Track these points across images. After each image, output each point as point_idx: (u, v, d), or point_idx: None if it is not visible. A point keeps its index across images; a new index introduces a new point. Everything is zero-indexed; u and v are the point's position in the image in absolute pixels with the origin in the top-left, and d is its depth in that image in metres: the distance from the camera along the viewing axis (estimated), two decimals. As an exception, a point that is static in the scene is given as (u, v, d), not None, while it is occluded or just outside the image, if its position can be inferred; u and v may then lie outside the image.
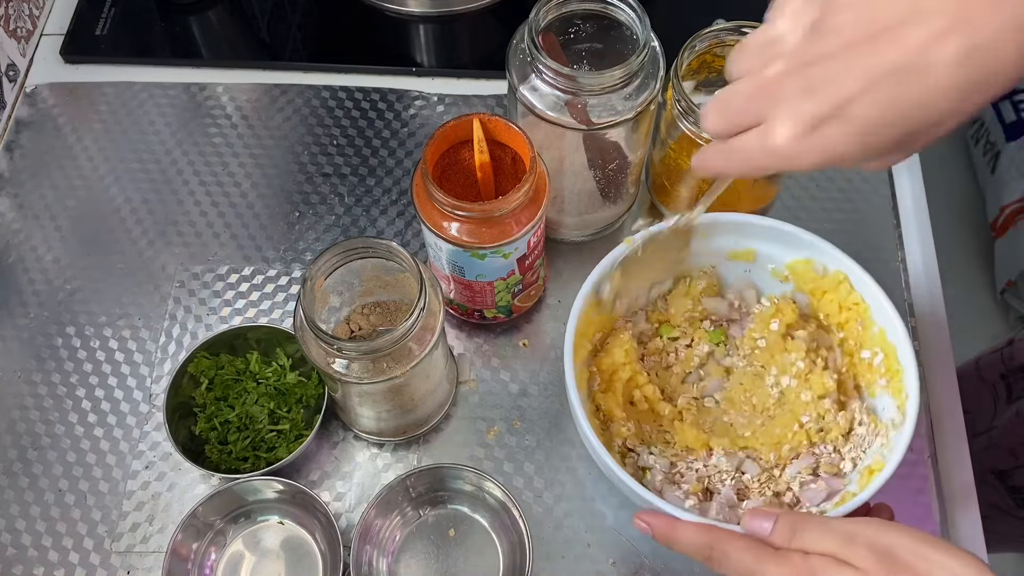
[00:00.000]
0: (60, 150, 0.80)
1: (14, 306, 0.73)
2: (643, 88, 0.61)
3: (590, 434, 0.56)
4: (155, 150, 0.80)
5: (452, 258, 0.62)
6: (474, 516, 0.64)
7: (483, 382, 0.70)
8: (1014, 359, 0.88)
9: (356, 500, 0.65)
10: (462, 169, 0.62)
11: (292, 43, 0.86)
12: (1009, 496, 0.90)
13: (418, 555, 0.63)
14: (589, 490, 0.65)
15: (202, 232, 0.76)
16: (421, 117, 0.81)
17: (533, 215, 0.60)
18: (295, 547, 0.63)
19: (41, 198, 0.77)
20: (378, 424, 0.65)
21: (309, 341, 0.57)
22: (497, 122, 0.60)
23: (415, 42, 0.87)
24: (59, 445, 0.67)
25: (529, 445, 0.67)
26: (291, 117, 0.82)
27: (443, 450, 0.67)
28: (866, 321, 0.61)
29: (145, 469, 0.66)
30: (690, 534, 0.51)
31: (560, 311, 0.72)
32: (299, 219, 0.77)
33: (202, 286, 0.73)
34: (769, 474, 0.60)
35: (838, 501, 0.57)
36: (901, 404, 0.57)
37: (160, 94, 0.83)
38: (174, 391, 0.64)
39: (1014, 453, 0.87)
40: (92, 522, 0.65)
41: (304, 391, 0.66)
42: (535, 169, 0.58)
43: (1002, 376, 0.89)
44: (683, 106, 0.63)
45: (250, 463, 0.64)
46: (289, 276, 0.74)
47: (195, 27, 0.87)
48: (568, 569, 0.63)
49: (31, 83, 0.83)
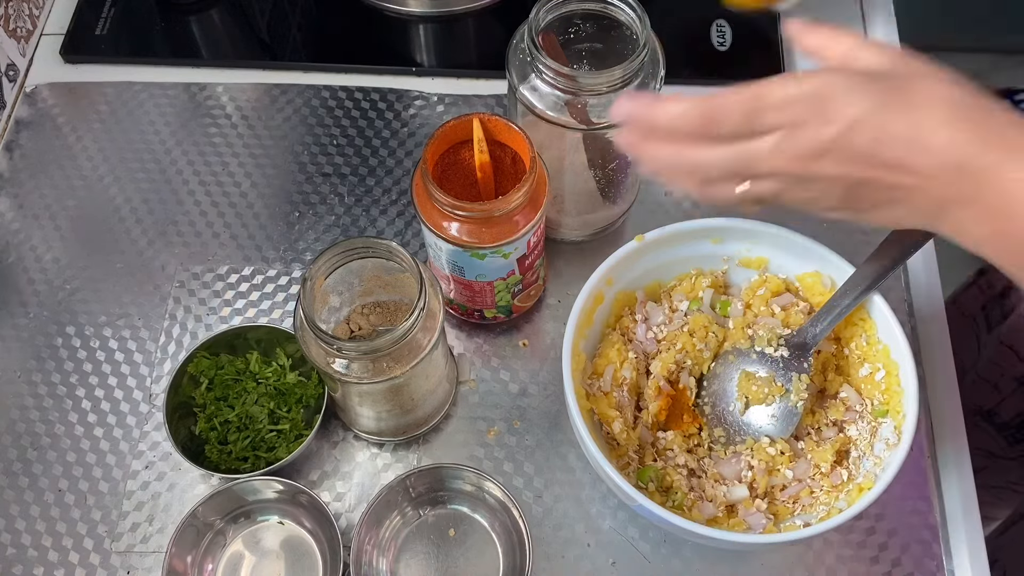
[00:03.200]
0: (60, 150, 0.80)
1: (14, 306, 0.73)
2: (643, 88, 0.61)
3: (586, 435, 0.56)
4: (155, 150, 0.80)
5: (452, 258, 0.62)
6: (474, 516, 0.64)
7: (483, 382, 0.70)
8: (992, 287, 0.88)
9: (356, 500, 0.65)
10: (462, 169, 0.62)
11: (292, 43, 0.86)
12: (1000, 435, 0.89)
13: (418, 555, 0.63)
14: (589, 490, 0.65)
15: (202, 232, 0.76)
16: (421, 117, 0.81)
17: (533, 215, 0.60)
18: (295, 547, 0.63)
19: (41, 198, 0.77)
20: (378, 424, 0.65)
21: (309, 341, 0.57)
22: (497, 122, 0.60)
23: (415, 42, 0.87)
24: (59, 445, 0.67)
25: (529, 445, 0.67)
26: (291, 117, 0.82)
27: (443, 450, 0.67)
28: (871, 337, 0.61)
29: (145, 469, 0.66)
30: (674, 106, 0.47)
31: (560, 311, 0.72)
32: (299, 219, 0.77)
33: (202, 286, 0.73)
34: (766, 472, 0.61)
35: (823, 516, 0.57)
36: (898, 424, 0.58)
37: (160, 94, 0.83)
38: (174, 391, 0.64)
39: (997, 387, 0.86)
40: (92, 522, 0.65)
41: (304, 391, 0.66)
42: (535, 169, 0.58)
43: (983, 307, 0.89)
44: None
45: (250, 463, 0.64)
46: (289, 276, 0.74)
47: (195, 27, 0.87)
48: (568, 569, 0.63)
49: (31, 83, 0.83)
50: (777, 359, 0.62)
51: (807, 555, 0.63)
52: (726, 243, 0.65)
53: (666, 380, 0.63)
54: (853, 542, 0.64)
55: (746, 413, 0.62)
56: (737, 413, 0.62)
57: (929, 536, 0.64)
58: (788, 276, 0.66)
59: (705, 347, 0.64)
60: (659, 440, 0.63)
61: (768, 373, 0.62)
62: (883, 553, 0.63)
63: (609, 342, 0.65)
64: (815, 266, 0.64)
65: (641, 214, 0.76)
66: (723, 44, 0.84)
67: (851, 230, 0.75)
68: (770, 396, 0.61)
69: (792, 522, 0.59)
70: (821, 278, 0.64)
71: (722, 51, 0.84)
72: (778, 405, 0.61)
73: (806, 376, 0.61)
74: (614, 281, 0.64)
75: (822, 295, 0.64)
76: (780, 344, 0.62)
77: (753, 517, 0.59)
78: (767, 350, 0.62)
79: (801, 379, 0.61)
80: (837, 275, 0.63)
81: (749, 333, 0.64)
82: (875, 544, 0.64)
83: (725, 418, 0.63)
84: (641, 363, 0.64)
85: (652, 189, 0.78)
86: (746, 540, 0.55)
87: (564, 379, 0.59)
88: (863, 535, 0.64)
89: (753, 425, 0.62)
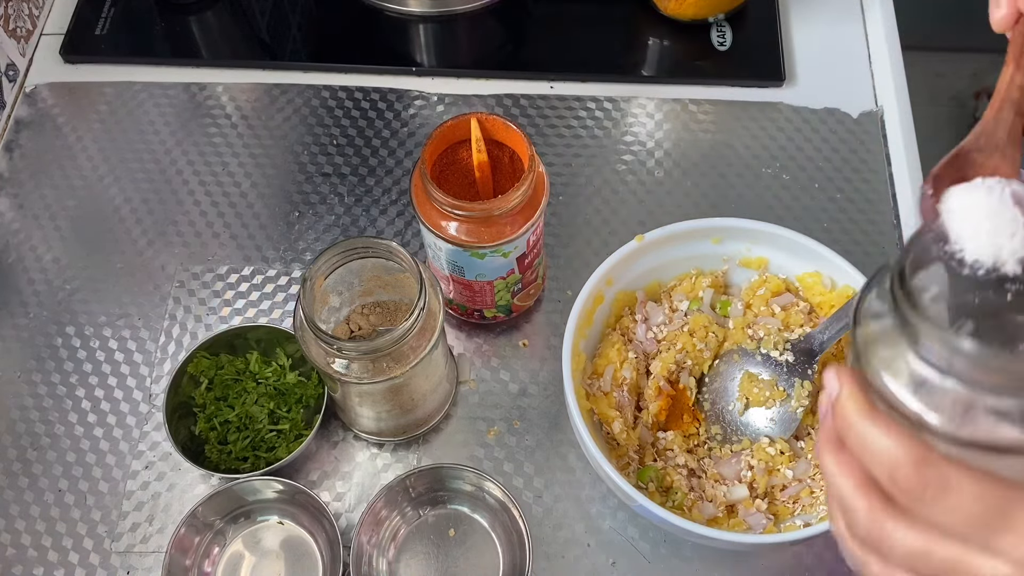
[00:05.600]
0: (60, 150, 0.80)
1: (14, 306, 0.73)
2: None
3: (586, 435, 0.56)
4: (155, 150, 0.80)
5: (451, 258, 0.62)
6: (474, 516, 0.64)
7: (483, 382, 0.70)
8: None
9: (356, 500, 0.65)
10: (460, 169, 0.62)
11: (292, 43, 0.86)
12: None
13: (418, 555, 0.63)
14: (589, 490, 0.65)
15: (202, 232, 0.76)
16: (421, 117, 0.81)
17: (532, 214, 0.60)
18: (295, 547, 0.63)
19: (41, 198, 0.77)
20: (378, 424, 0.65)
21: (309, 341, 0.57)
22: (495, 121, 0.60)
23: (415, 42, 0.87)
24: (59, 445, 0.67)
25: (529, 445, 0.67)
26: (291, 117, 0.82)
27: (443, 450, 0.67)
28: None
29: (145, 469, 0.66)
30: (878, 434, 0.32)
31: (560, 311, 0.72)
32: (299, 219, 0.76)
33: (202, 286, 0.73)
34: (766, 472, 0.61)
35: (823, 516, 0.58)
36: None
37: (160, 94, 0.83)
38: (174, 391, 0.64)
39: None
40: (92, 522, 0.65)
41: (304, 391, 0.66)
42: (534, 168, 0.58)
43: None
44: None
45: (250, 463, 0.64)
46: (289, 276, 0.74)
47: (195, 27, 0.87)
48: (568, 569, 0.63)
49: (31, 83, 0.83)
50: (782, 363, 0.62)
51: (807, 555, 0.63)
52: (726, 243, 0.65)
53: (666, 380, 0.63)
54: (853, 542, 0.64)
55: (745, 414, 0.62)
56: (736, 413, 0.62)
57: (929, 536, 0.64)
58: (788, 276, 0.66)
59: (705, 347, 0.64)
60: (659, 440, 0.63)
61: (771, 376, 0.62)
62: (883, 553, 0.63)
63: (609, 342, 0.65)
64: (815, 266, 0.64)
65: (641, 215, 0.76)
66: (723, 44, 0.84)
67: (851, 230, 0.75)
68: (771, 399, 0.61)
69: (792, 522, 0.59)
70: (821, 278, 0.64)
71: (722, 51, 0.84)
72: (778, 409, 0.61)
73: (809, 383, 0.61)
74: (614, 281, 0.64)
75: (822, 295, 0.64)
76: (786, 348, 0.62)
77: (753, 517, 0.59)
78: (772, 353, 0.62)
79: (804, 385, 0.61)
80: (837, 275, 0.63)
81: (749, 333, 0.64)
82: (875, 544, 0.63)
83: (724, 417, 0.63)
84: (641, 363, 0.64)
85: (653, 190, 0.78)
86: (746, 540, 0.55)
87: (564, 379, 0.59)
88: (863, 535, 0.64)
89: (751, 426, 0.62)
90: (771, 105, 0.81)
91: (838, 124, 0.80)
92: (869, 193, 0.77)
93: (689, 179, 0.78)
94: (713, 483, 0.61)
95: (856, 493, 0.33)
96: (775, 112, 0.81)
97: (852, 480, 0.34)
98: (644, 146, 0.80)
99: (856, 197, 0.77)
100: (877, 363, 0.34)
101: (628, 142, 0.80)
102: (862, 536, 0.34)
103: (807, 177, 0.78)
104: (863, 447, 0.33)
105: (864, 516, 0.33)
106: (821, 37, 0.86)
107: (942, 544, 0.32)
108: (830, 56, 0.84)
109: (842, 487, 0.34)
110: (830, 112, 0.81)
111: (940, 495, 0.31)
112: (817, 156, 0.79)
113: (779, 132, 0.80)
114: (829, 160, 0.79)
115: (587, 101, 0.82)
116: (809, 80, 0.83)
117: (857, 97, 0.82)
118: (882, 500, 0.33)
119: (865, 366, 0.34)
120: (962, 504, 0.31)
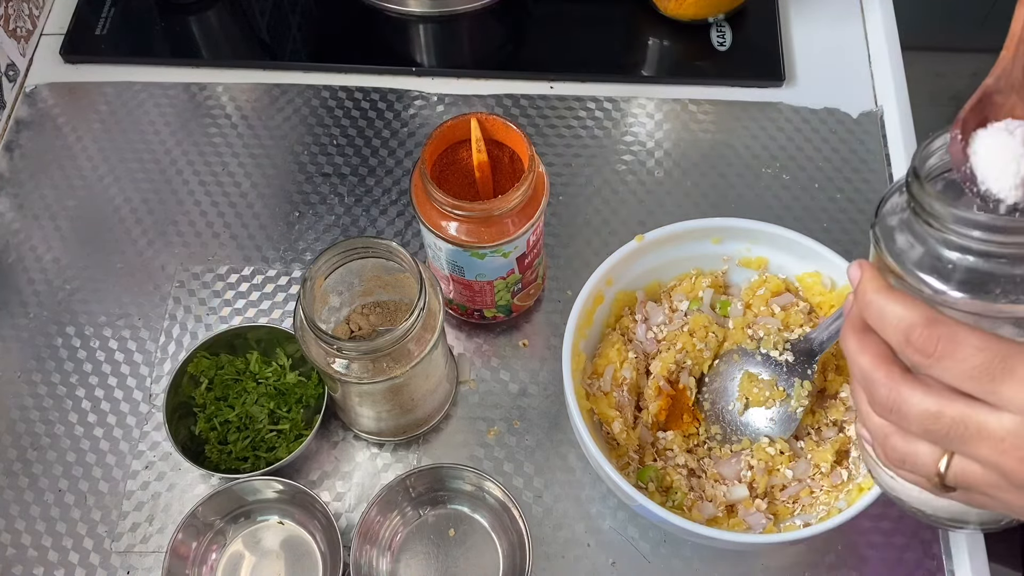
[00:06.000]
0: (60, 150, 0.80)
1: (14, 306, 0.73)
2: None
3: (586, 435, 0.56)
4: (155, 150, 0.80)
5: (451, 258, 0.62)
6: (474, 516, 0.64)
7: (483, 382, 0.70)
8: None
9: (356, 500, 0.65)
10: (460, 169, 0.62)
11: (292, 43, 0.86)
12: None
13: (418, 555, 0.63)
14: (589, 490, 0.65)
15: (202, 232, 0.76)
16: (421, 117, 0.81)
17: (532, 214, 0.60)
18: (295, 547, 0.63)
19: (41, 198, 0.77)
20: (378, 424, 0.65)
21: (309, 341, 0.57)
22: (495, 121, 0.60)
23: (415, 42, 0.87)
24: (59, 445, 0.67)
25: (529, 445, 0.67)
26: (291, 117, 0.82)
27: (443, 450, 0.67)
28: None
29: (145, 469, 0.66)
30: (893, 305, 0.37)
31: (560, 311, 0.72)
32: (299, 219, 0.77)
33: (202, 286, 0.73)
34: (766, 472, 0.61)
35: (823, 516, 0.57)
36: None
37: (160, 94, 0.83)
38: (174, 391, 0.64)
39: None
40: (92, 522, 0.65)
41: (304, 391, 0.66)
42: (534, 168, 0.58)
43: None
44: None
45: (250, 463, 0.64)
46: (289, 276, 0.74)
47: (195, 27, 0.87)
48: (568, 569, 0.63)
49: (31, 83, 0.83)
50: (781, 363, 0.62)
51: (807, 555, 0.63)
52: (726, 243, 0.66)
53: (666, 380, 0.63)
54: (853, 542, 0.64)
55: (745, 413, 0.62)
56: (736, 413, 0.62)
57: (929, 536, 0.64)
58: (788, 276, 0.66)
59: (705, 347, 0.64)
60: (659, 440, 0.63)
61: (771, 376, 0.62)
62: (883, 553, 0.63)
63: (609, 342, 0.65)
64: (815, 266, 0.64)
65: (641, 215, 0.76)
66: (723, 44, 0.84)
67: (851, 230, 0.75)
68: (771, 400, 0.61)
69: (792, 522, 0.59)
70: (821, 278, 0.64)
71: (722, 51, 0.84)
72: (778, 409, 0.61)
73: (809, 383, 0.61)
74: (614, 281, 0.64)
75: (822, 295, 0.64)
76: (786, 348, 0.62)
77: (753, 517, 0.59)
78: (772, 353, 0.62)
79: (804, 385, 0.61)
80: (837, 275, 0.63)
81: (749, 333, 0.64)
82: (875, 544, 0.63)
83: (723, 416, 0.63)
84: (641, 363, 0.64)
85: (653, 190, 0.78)
86: (746, 540, 0.55)
87: (564, 379, 0.59)
88: (863, 535, 0.64)
89: (751, 426, 0.62)
90: (771, 105, 0.81)
91: (838, 124, 0.80)
92: (869, 193, 0.77)
93: (689, 179, 0.78)
94: (713, 483, 0.61)
95: (875, 365, 0.38)
96: (775, 112, 0.81)
97: (872, 356, 0.38)
98: (644, 146, 0.80)
99: (856, 197, 0.77)
100: (894, 248, 0.39)
101: (628, 142, 0.80)
102: (881, 404, 0.38)
103: (807, 177, 0.78)
104: (881, 319, 0.37)
105: (883, 385, 0.37)
106: (821, 37, 0.86)
107: (951, 403, 0.35)
108: (830, 56, 0.84)
109: (863, 364, 0.38)
110: (830, 112, 0.81)
111: (949, 348, 0.35)
112: (817, 156, 0.79)
113: (779, 132, 0.80)
114: (829, 160, 0.79)
115: (587, 101, 0.82)
116: (809, 80, 0.83)
117: (857, 97, 0.82)
118: (899, 368, 0.37)
119: (882, 254, 0.39)
120: (968, 356, 0.35)
